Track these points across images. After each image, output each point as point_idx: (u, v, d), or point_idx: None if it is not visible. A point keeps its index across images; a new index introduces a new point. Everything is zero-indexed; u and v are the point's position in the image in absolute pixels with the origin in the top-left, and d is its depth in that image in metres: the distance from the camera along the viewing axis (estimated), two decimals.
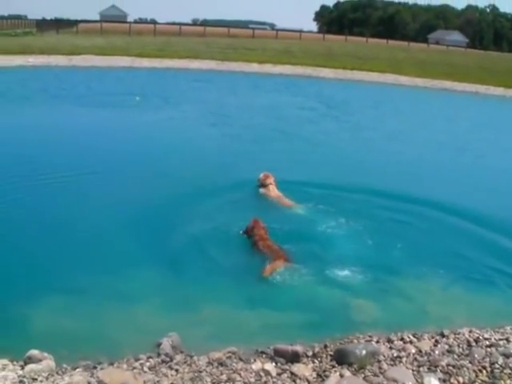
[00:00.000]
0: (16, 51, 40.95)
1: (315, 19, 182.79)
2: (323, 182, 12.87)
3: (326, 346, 6.19)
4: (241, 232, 9.57)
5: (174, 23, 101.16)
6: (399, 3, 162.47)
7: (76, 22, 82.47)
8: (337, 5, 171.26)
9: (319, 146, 17.58)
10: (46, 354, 5.82)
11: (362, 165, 15.28)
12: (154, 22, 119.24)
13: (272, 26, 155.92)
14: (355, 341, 6.38)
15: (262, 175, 12.18)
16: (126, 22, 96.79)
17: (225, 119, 21.32)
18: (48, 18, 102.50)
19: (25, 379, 5.36)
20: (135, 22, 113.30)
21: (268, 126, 20.93)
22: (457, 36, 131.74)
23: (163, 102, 25.47)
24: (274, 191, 11.92)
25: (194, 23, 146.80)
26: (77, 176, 12.42)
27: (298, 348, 5.94)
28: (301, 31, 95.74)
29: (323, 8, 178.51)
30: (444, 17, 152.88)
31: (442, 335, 6.53)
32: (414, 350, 6.12)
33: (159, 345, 6.03)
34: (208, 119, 21.08)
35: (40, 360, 5.73)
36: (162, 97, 27.01)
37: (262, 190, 12.04)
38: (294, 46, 60.79)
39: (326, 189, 12.35)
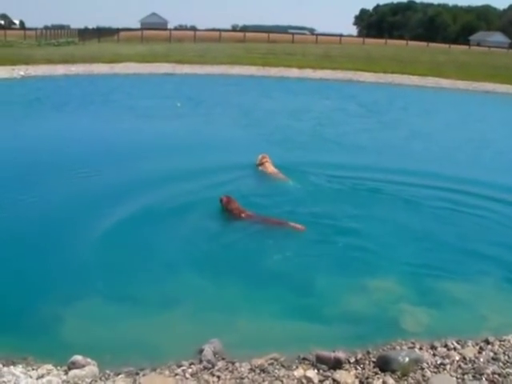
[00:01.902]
0: (59, 60, 41.58)
1: (355, 23, 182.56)
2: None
3: (368, 353, 6.14)
4: (220, 202, 10.65)
5: (213, 29, 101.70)
6: (439, 5, 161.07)
7: (117, 31, 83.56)
8: (376, 8, 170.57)
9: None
10: (89, 360, 5.87)
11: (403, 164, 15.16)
12: (193, 28, 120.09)
13: (312, 31, 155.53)
14: (398, 347, 6.31)
15: (260, 156, 14.32)
16: (166, 29, 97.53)
17: (266, 125, 21.30)
18: (90, 27, 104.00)
19: None
20: (175, 28, 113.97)
21: (305, 129, 21.09)
22: (499, 37, 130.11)
23: (203, 108, 25.66)
24: (270, 168, 13.97)
25: (234, 29, 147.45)
26: (124, 182, 12.58)
27: (341, 354, 5.90)
28: (340, 35, 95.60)
29: (363, 12, 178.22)
30: (485, 18, 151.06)
31: (487, 342, 6.42)
32: (458, 357, 6.03)
33: (201, 351, 6.04)
34: (252, 125, 21.05)
35: (83, 365, 5.77)
36: (203, 102, 27.24)
37: (260, 168, 14.10)
38: (333, 51, 60.68)
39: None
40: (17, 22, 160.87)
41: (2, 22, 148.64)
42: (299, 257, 9.09)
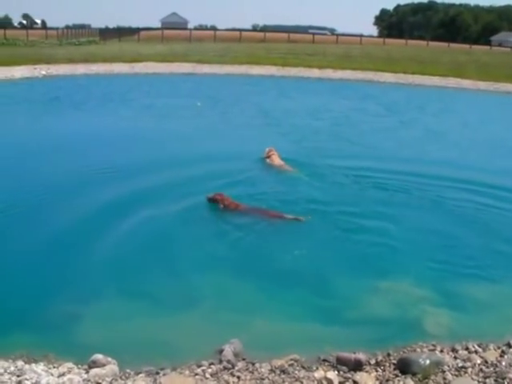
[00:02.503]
0: (80, 60, 41.87)
1: (375, 23, 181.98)
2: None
3: (388, 355, 6.12)
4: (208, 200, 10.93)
5: (233, 29, 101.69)
6: (460, 5, 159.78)
7: (138, 30, 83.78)
8: (397, 8, 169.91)
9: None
10: (109, 359, 5.89)
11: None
12: (214, 28, 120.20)
13: (332, 31, 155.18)
14: (418, 350, 6.28)
15: (267, 149, 15.05)
16: (186, 29, 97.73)
17: (283, 124, 21.35)
18: (111, 26, 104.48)
19: (89, 383, 5.44)
20: (195, 28, 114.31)
21: (322, 128, 21.27)
22: None
23: (222, 107, 25.82)
24: (276, 160, 14.73)
25: (254, 29, 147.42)
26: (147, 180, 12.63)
27: (361, 356, 5.88)
28: (361, 36, 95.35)
29: (383, 12, 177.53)
30: (507, 18, 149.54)
31: (509, 346, 6.36)
32: (479, 361, 5.97)
33: (221, 351, 6.04)
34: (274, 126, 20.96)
35: (104, 364, 5.80)
36: (222, 102, 27.44)
37: (267, 161, 14.83)
38: (354, 51, 60.55)
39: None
40: (39, 21, 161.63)
41: (25, 22, 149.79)
42: (315, 254, 9.13)
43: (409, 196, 12.34)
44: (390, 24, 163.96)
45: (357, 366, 5.81)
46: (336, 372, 5.74)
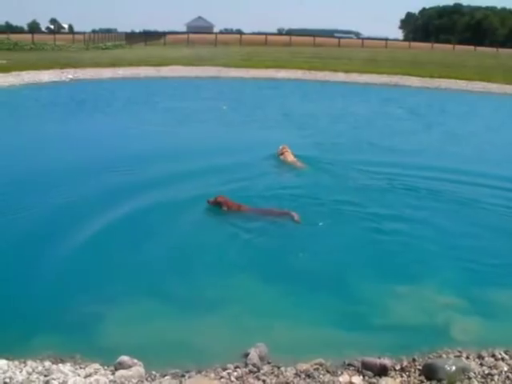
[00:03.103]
0: (106, 64, 42.20)
1: (401, 27, 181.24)
2: None
3: (414, 360, 6.09)
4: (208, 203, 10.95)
5: (259, 33, 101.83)
6: (487, 8, 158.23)
7: (164, 34, 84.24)
8: (422, 12, 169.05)
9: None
10: (135, 361, 5.92)
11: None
12: (239, 32, 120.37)
13: (357, 35, 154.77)
14: (444, 356, 6.23)
15: (280, 147, 15.60)
16: (212, 33, 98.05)
17: (307, 127, 21.35)
18: (137, 30, 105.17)
19: None
20: (221, 32, 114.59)
21: (345, 131, 21.36)
22: None
23: (248, 110, 25.97)
24: (289, 157, 15.28)
25: (280, 33, 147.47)
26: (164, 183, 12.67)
27: (387, 361, 5.87)
28: (386, 39, 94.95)
29: (409, 15, 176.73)
30: None
31: None
32: (506, 368, 5.91)
33: (247, 355, 6.05)
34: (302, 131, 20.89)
35: (130, 366, 5.83)
36: (248, 105, 27.62)
37: (281, 157, 15.38)
38: (379, 55, 60.38)
39: None
40: (66, 26, 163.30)
41: (52, 27, 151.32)
42: (337, 256, 9.16)
43: (433, 198, 12.30)
44: (416, 27, 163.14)
45: (382, 371, 5.79)
46: (361, 377, 5.73)
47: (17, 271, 8.31)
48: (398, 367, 5.93)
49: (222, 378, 5.68)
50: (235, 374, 5.76)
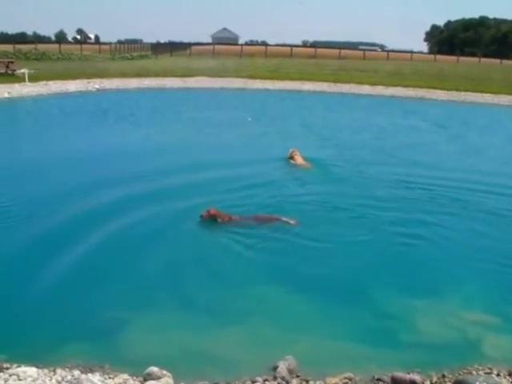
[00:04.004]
0: (132, 74, 42.47)
1: (425, 39, 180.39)
2: None
3: (443, 376, 6.06)
4: (201, 217, 10.78)
5: (284, 45, 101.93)
6: None
7: (189, 45, 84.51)
8: (447, 24, 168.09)
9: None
10: (164, 372, 5.93)
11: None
12: (264, 43, 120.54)
13: (382, 47, 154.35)
14: (474, 372, 6.19)
15: (290, 150, 16.57)
16: (237, 44, 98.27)
17: (331, 139, 21.44)
18: (162, 41, 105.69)
19: None
20: (246, 44, 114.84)
21: (365, 142, 21.45)
22: None
23: (271, 121, 26.00)
24: (299, 160, 16.27)
25: (304, 44, 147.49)
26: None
27: (416, 377, 5.84)
28: (411, 52, 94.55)
29: (434, 28, 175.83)
30: None
31: None
32: None
33: (275, 368, 6.05)
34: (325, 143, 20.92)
35: (159, 377, 5.84)
36: (272, 117, 27.61)
37: (291, 161, 16.34)
38: (405, 68, 60.14)
39: None
40: (92, 36, 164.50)
41: (79, 37, 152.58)
42: (361, 268, 9.17)
43: (458, 208, 12.36)
44: (441, 40, 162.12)
45: None
46: None
47: (46, 280, 8.36)
48: (427, 383, 5.89)
49: None
50: None
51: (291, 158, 16.44)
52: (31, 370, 5.86)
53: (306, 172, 15.65)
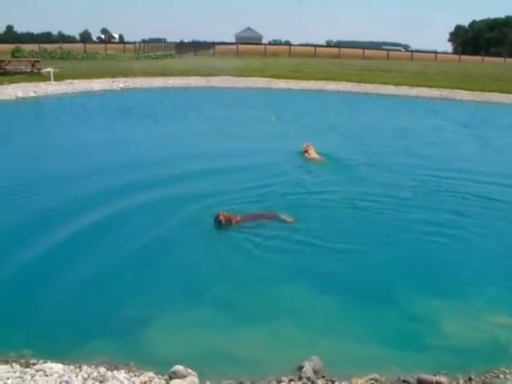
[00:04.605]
0: (157, 73, 42.59)
1: (450, 40, 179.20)
2: None
3: (470, 379, 6.01)
4: (221, 223, 10.51)
5: (307, 44, 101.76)
6: None
7: (213, 44, 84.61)
8: (472, 24, 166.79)
9: None
10: (190, 370, 5.93)
11: None
12: (288, 43, 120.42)
13: (406, 47, 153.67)
14: (502, 376, 6.13)
15: (304, 144, 17.27)
16: (261, 44, 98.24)
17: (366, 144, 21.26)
18: (186, 40, 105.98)
19: None
20: (270, 43, 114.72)
21: (384, 140, 21.72)
22: None
23: (293, 120, 26.11)
24: (313, 154, 16.93)
25: (328, 44, 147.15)
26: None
27: (443, 379, 5.80)
28: (435, 52, 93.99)
29: (458, 28, 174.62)
30: None
31: None
32: None
33: (301, 368, 6.03)
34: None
35: (184, 376, 5.84)
36: (294, 116, 27.61)
37: (305, 155, 16.98)
38: (429, 68, 59.78)
39: None
40: (116, 36, 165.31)
41: (103, 37, 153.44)
42: (388, 269, 9.13)
43: (484, 206, 12.42)
44: (465, 40, 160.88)
45: None
46: None
47: (73, 277, 8.44)
48: None
49: None
50: None
51: (305, 151, 17.11)
52: (57, 367, 5.90)
53: (320, 166, 16.26)
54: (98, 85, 35.75)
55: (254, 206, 11.84)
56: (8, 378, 5.57)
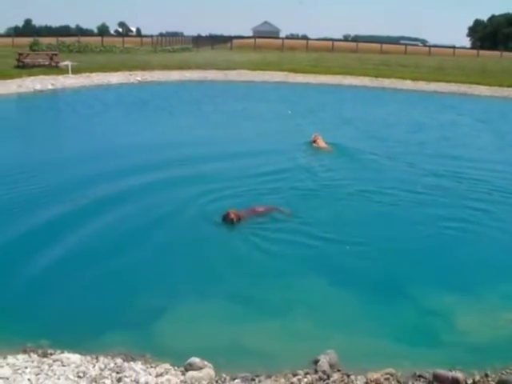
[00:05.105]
0: (174, 67, 42.71)
1: (468, 34, 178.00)
2: None
3: (486, 376, 5.96)
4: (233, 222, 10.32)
5: (325, 39, 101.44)
6: None
7: (230, 38, 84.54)
8: (491, 19, 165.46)
9: None
10: (206, 362, 5.95)
11: None
12: (305, 37, 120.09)
13: (424, 42, 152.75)
14: None
15: (313, 135, 17.88)
16: (278, 38, 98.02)
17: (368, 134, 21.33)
18: (203, 34, 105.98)
19: None
20: (287, 37, 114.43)
21: (395, 134, 21.73)
22: None
23: (308, 114, 26.19)
24: (321, 143, 17.57)
25: (346, 39, 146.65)
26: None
27: (459, 375, 5.77)
28: (454, 47, 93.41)
29: (477, 23, 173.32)
30: None
31: None
32: None
33: (317, 362, 6.03)
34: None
35: (200, 368, 5.86)
36: (309, 110, 27.64)
37: (314, 144, 17.59)
38: (447, 63, 59.39)
39: None
40: (134, 29, 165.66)
41: (120, 30, 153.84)
42: (404, 262, 9.16)
43: (500, 200, 12.39)
44: (484, 35, 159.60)
45: None
46: None
47: (90, 269, 8.51)
48: (469, 381, 5.83)
49: (292, 383, 5.67)
50: (305, 380, 5.75)
51: (314, 141, 17.71)
52: (74, 357, 5.95)
53: (328, 155, 16.90)
54: (115, 78, 35.94)
55: (258, 193, 12.28)
56: (26, 368, 5.62)
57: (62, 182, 12.80)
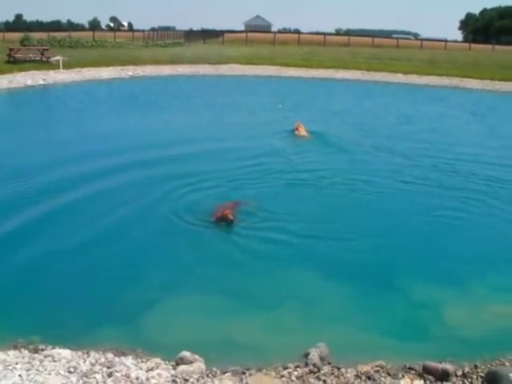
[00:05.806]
0: (166, 61, 42.69)
1: (460, 28, 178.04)
2: None
3: (476, 367, 6.00)
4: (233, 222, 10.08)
5: (317, 33, 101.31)
6: None
7: (222, 33, 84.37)
8: (483, 12, 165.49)
9: None
10: (196, 356, 5.98)
11: None
12: (297, 31, 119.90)
13: (416, 36, 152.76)
14: (507, 364, 6.14)
15: (295, 123, 19.07)
16: (270, 32, 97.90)
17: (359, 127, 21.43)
18: (195, 28, 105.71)
19: (177, 379, 5.56)
20: (279, 31, 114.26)
21: (384, 126, 22.07)
22: None
23: (296, 107, 26.02)
24: (302, 132, 18.75)
25: (338, 33, 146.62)
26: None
27: (448, 366, 5.81)
28: (445, 40, 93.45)
29: (468, 16, 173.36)
30: None
31: None
32: None
33: (307, 355, 6.07)
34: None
35: (191, 362, 5.89)
36: (297, 103, 27.65)
37: (296, 132, 18.76)
38: (439, 56, 59.41)
39: None
40: (125, 24, 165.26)
41: (112, 25, 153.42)
42: (396, 256, 9.19)
43: (492, 194, 12.43)
44: (476, 28, 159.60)
45: (443, 376, 5.74)
46: (422, 381, 5.70)
47: (80, 263, 8.55)
48: (459, 373, 5.87)
49: (282, 376, 5.72)
50: (296, 373, 5.79)
51: (296, 129, 18.89)
52: (65, 352, 5.96)
53: (307, 141, 18.08)
54: (106, 73, 35.88)
55: (227, 180, 12.73)
56: (17, 363, 5.63)
57: (46, 176, 12.73)
